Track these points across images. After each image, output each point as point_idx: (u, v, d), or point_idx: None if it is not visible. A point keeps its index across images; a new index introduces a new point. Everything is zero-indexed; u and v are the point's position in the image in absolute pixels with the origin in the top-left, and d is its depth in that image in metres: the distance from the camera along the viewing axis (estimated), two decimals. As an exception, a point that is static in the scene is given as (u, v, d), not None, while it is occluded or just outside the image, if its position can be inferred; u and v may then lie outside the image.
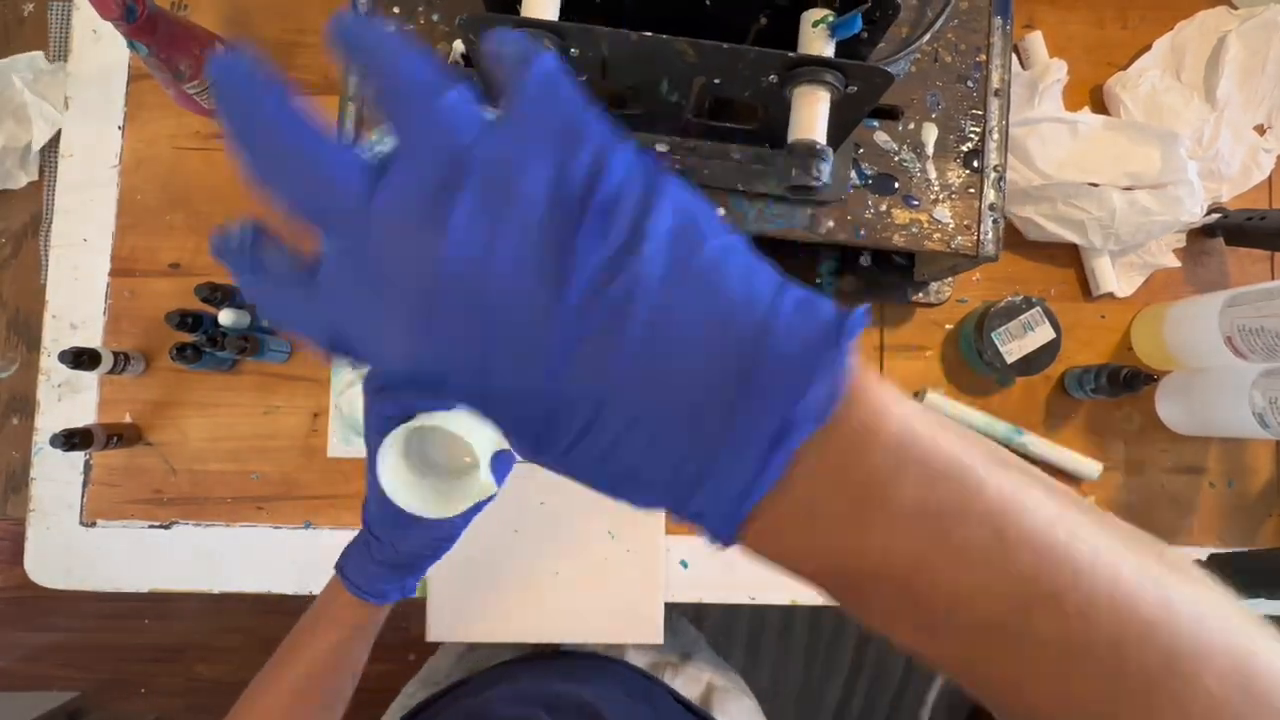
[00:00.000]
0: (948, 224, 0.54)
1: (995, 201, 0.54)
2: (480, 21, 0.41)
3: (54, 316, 0.69)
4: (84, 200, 0.70)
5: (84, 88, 0.71)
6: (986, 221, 0.54)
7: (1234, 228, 0.69)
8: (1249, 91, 0.71)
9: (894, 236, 0.53)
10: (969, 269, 0.59)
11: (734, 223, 0.53)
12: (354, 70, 0.23)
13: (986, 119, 0.54)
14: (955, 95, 0.54)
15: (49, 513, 0.68)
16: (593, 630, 0.66)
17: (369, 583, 0.46)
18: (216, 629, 1.54)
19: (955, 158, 0.54)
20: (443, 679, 0.68)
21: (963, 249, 0.53)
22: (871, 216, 0.53)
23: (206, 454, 0.69)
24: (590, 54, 0.42)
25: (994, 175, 0.54)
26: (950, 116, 0.54)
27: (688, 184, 0.19)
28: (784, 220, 0.53)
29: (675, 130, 0.52)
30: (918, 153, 0.54)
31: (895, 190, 0.54)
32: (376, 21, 0.20)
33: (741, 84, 0.44)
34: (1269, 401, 0.60)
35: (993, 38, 0.55)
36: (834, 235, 0.53)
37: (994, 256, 0.54)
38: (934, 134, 0.54)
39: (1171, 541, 0.71)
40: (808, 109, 0.42)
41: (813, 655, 1.56)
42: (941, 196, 0.54)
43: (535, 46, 0.19)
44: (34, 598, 1.53)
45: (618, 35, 0.41)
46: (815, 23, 0.42)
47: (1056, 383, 0.71)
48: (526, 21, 0.40)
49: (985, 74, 0.54)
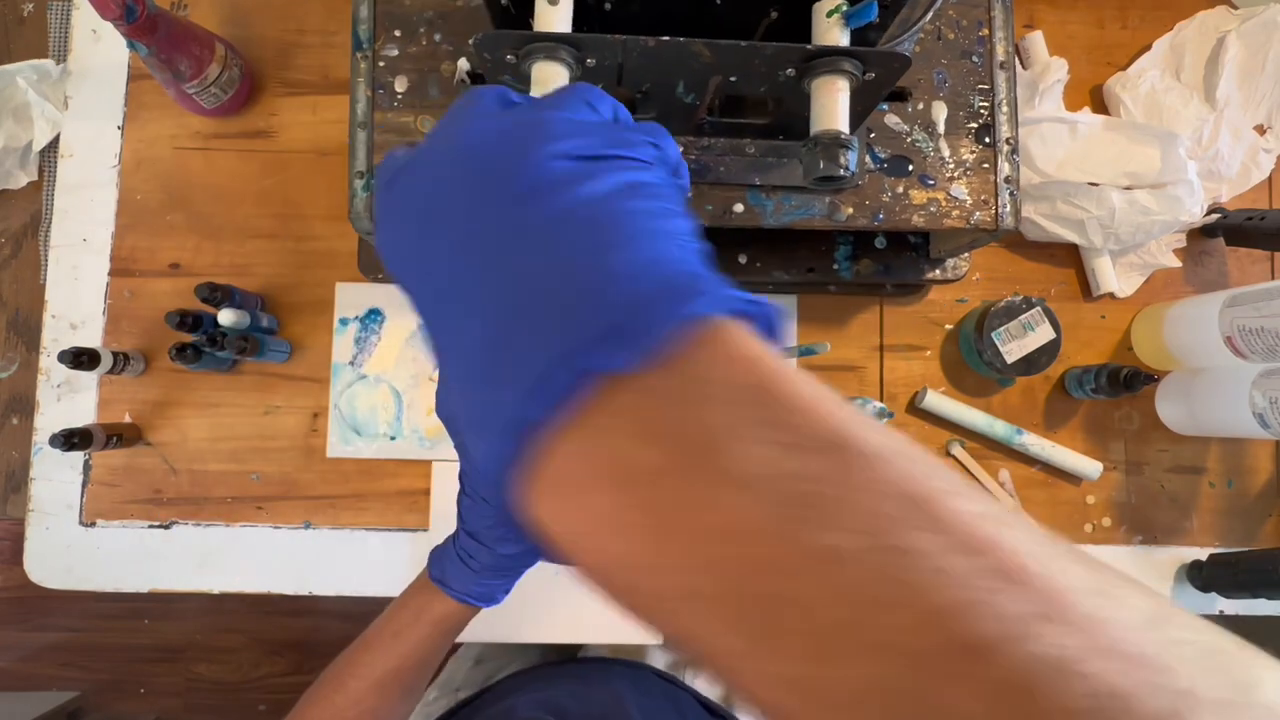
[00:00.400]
0: (965, 200, 0.54)
1: (1010, 174, 0.54)
2: (497, 40, 0.40)
3: (54, 316, 0.69)
4: (84, 200, 0.70)
5: (84, 88, 0.71)
6: (1004, 194, 0.54)
7: (1234, 228, 0.69)
8: (1249, 91, 0.71)
9: (913, 217, 0.53)
10: (988, 243, 0.59)
11: (753, 217, 0.53)
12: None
13: (994, 93, 0.54)
14: (961, 71, 0.54)
15: (49, 513, 0.68)
16: (600, 630, 0.66)
17: (475, 589, 0.45)
18: (216, 629, 1.54)
19: (967, 134, 0.54)
20: (461, 683, 0.68)
21: (982, 224, 0.53)
22: (889, 199, 0.54)
23: (206, 454, 0.69)
24: (607, 62, 0.42)
25: (1006, 148, 0.54)
26: (958, 93, 0.54)
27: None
28: (803, 210, 0.53)
29: (689, 130, 0.52)
30: (929, 132, 0.54)
31: (910, 171, 0.54)
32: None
33: (758, 80, 0.44)
34: (1269, 401, 0.60)
35: (993, 10, 0.55)
36: (853, 221, 0.53)
37: (1014, 228, 0.54)
38: (944, 112, 0.54)
39: (1171, 541, 0.71)
40: (829, 100, 0.42)
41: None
42: (956, 174, 0.54)
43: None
44: (34, 598, 1.53)
45: (634, 42, 0.41)
46: (829, 12, 0.42)
47: (1056, 383, 0.71)
48: (544, 36, 0.40)
49: (989, 47, 0.54)
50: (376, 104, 0.52)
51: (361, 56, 0.52)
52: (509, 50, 0.41)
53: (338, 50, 0.72)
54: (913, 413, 0.71)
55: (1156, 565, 0.71)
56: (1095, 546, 0.70)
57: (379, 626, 0.48)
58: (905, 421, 0.71)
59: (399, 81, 0.52)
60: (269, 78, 0.71)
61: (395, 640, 0.47)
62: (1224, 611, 0.70)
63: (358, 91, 0.52)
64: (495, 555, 0.43)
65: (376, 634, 0.47)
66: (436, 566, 0.46)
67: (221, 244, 0.70)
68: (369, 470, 0.69)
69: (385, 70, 0.52)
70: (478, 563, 0.43)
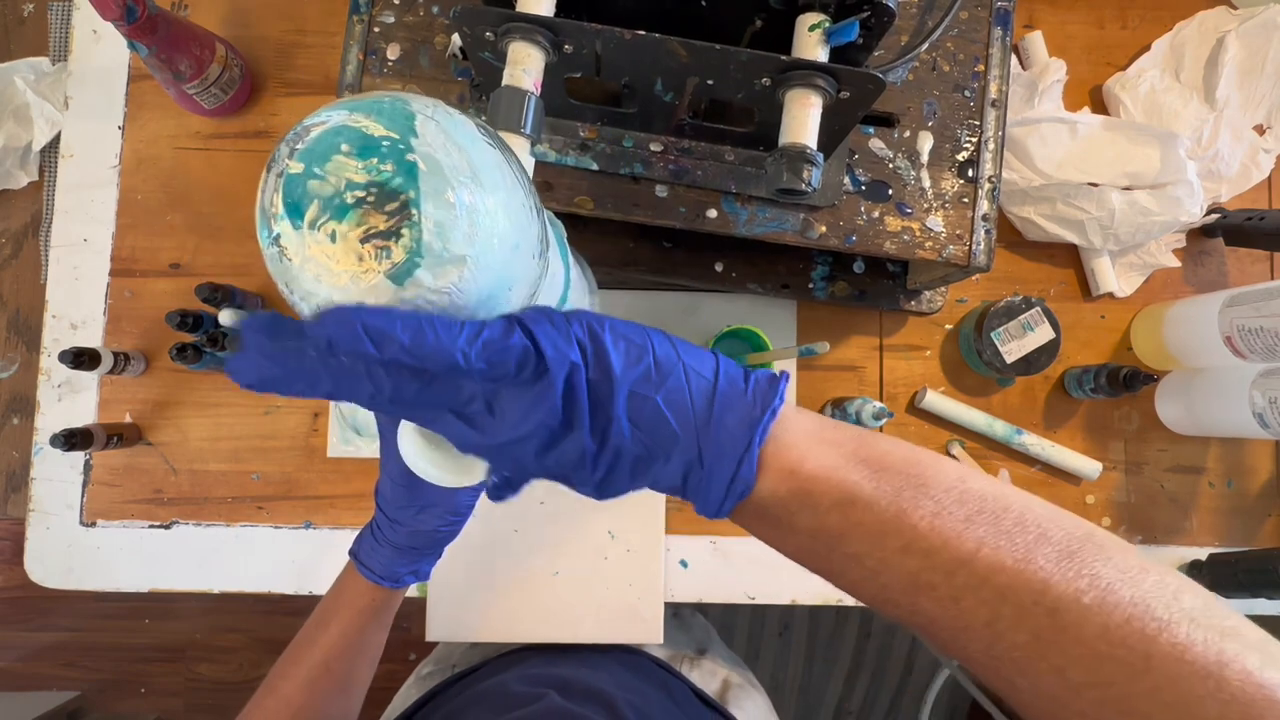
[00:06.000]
0: (940, 233, 0.53)
1: (988, 212, 0.54)
2: (476, 15, 0.41)
3: (54, 316, 0.69)
4: (84, 200, 0.70)
5: (84, 88, 0.71)
6: (979, 231, 0.53)
7: (1233, 228, 0.69)
8: (1248, 92, 0.71)
9: (886, 244, 0.53)
10: (960, 279, 0.59)
11: (726, 224, 0.53)
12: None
13: (983, 129, 0.54)
14: (952, 104, 0.54)
15: (49, 513, 0.68)
16: (592, 631, 0.66)
17: (384, 567, 0.47)
18: (216, 629, 1.54)
19: (950, 167, 0.54)
20: (459, 660, 0.69)
21: (954, 259, 0.53)
22: (864, 223, 0.53)
23: (206, 454, 0.69)
24: (584, 50, 0.43)
25: (988, 186, 0.54)
26: (946, 125, 0.54)
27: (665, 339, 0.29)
28: (776, 224, 0.53)
29: (669, 130, 0.52)
30: (912, 161, 0.54)
31: (889, 197, 0.54)
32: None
33: (734, 85, 0.44)
34: (1269, 401, 0.60)
35: (992, 48, 0.54)
36: (825, 241, 0.53)
37: (985, 267, 0.54)
38: (929, 142, 0.54)
39: (1171, 541, 0.71)
40: (800, 113, 0.42)
41: (812, 653, 1.56)
42: (935, 205, 0.54)
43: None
44: (34, 598, 1.53)
45: (610, 33, 0.41)
46: (811, 27, 0.42)
47: (1056, 383, 0.71)
48: (521, 16, 0.41)
49: (983, 84, 0.54)
50: (366, 68, 0.53)
51: (358, 20, 0.53)
52: (488, 27, 0.41)
53: (338, 51, 0.72)
54: (912, 412, 0.71)
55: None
56: (1095, 546, 0.70)
57: (313, 614, 0.49)
58: (905, 421, 0.71)
59: (391, 49, 0.53)
60: (269, 78, 0.72)
61: (322, 628, 0.48)
62: (1223, 611, 0.70)
63: (349, 54, 0.52)
64: (401, 532, 0.46)
65: (309, 622, 0.49)
66: (355, 542, 0.49)
67: (222, 244, 0.70)
68: (369, 470, 0.69)
69: (379, 36, 0.53)
70: (385, 537, 0.46)
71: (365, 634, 0.48)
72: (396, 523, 0.45)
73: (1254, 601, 0.69)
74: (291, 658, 0.48)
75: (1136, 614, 0.23)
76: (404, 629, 0.70)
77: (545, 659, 0.62)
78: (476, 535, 0.64)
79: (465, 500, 0.46)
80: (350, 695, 0.49)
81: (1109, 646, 0.22)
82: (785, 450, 0.28)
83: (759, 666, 1.55)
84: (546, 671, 0.57)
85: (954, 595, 0.25)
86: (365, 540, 0.48)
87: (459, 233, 0.25)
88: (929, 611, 0.26)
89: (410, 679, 0.70)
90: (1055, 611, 0.23)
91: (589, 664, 0.60)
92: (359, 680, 0.50)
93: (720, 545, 0.69)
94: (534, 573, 0.67)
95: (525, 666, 0.59)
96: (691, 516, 0.69)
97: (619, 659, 0.64)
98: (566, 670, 0.57)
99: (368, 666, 0.50)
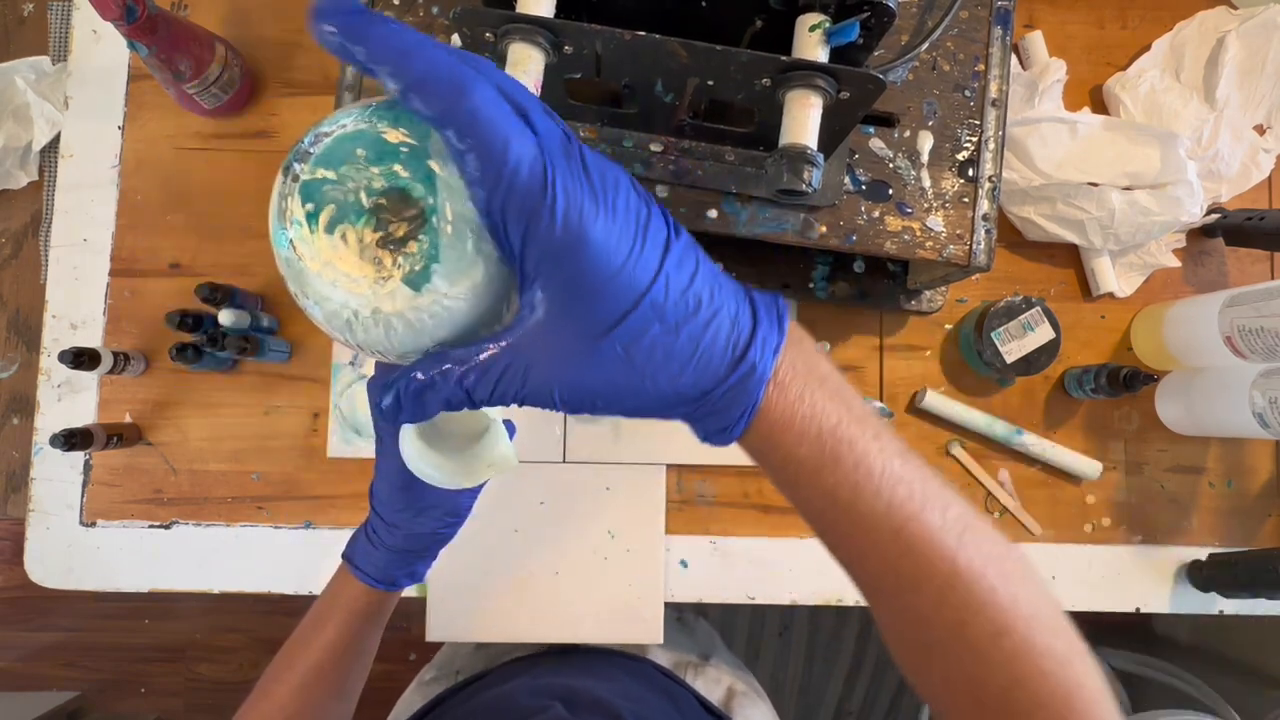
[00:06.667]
0: (940, 233, 0.53)
1: (988, 212, 0.54)
2: (476, 16, 0.41)
3: (54, 316, 0.69)
4: (84, 200, 0.70)
5: (84, 88, 0.71)
6: (980, 231, 0.53)
7: (1233, 228, 0.69)
8: (1248, 92, 0.71)
9: (886, 243, 0.53)
10: (961, 279, 0.59)
11: (726, 224, 0.53)
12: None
13: (983, 129, 0.54)
14: (952, 104, 0.54)
15: (49, 513, 0.68)
16: (592, 630, 0.67)
17: (379, 570, 0.46)
18: (216, 629, 1.54)
19: (950, 167, 0.54)
20: (463, 666, 0.69)
21: (954, 258, 0.53)
22: (864, 223, 0.53)
23: (206, 454, 0.69)
24: (584, 51, 0.43)
25: (989, 185, 0.54)
26: (946, 125, 0.54)
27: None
28: (776, 224, 0.53)
29: (670, 130, 0.52)
30: (913, 160, 0.54)
31: (889, 197, 0.54)
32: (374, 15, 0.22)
33: (735, 86, 0.44)
34: (1269, 401, 0.60)
35: (992, 48, 0.54)
36: (826, 240, 0.53)
37: (985, 267, 0.54)
38: (929, 142, 0.54)
39: (1171, 541, 0.71)
40: (800, 113, 0.42)
41: (812, 653, 1.56)
42: (935, 205, 0.54)
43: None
44: (34, 598, 1.53)
45: (610, 34, 0.41)
46: (811, 27, 0.42)
47: (1056, 383, 0.71)
48: (521, 17, 0.41)
49: (983, 84, 0.54)
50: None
51: None
52: (487, 28, 0.41)
53: (338, 50, 0.72)
54: (913, 412, 0.71)
55: (1156, 565, 0.71)
56: (1095, 546, 0.70)
57: (306, 617, 0.49)
58: (905, 421, 0.71)
59: None
60: (269, 78, 0.72)
61: (315, 631, 0.47)
62: (1224, 611, 0.70)
63: None
64: (397, 535, 0.45)
65: (303, 625, 0.48)
66: (349, 545, 0.48)
67: (221, 244, 0.70)
68: (369, 471, 0.69)
69: None
70: (380, 540, 0.45)
71: (359, 637, 0.48)
72: (394, 526, 0.44)
73: (1254, 601, 0.69)
74: (285, 662, 0.47)
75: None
76: (403, 629, 0.70)
77: (550, 667, 0.62)
78: (476, 535, 0.64)
79: (465, 501, 0.45)
80: (344, 699, 0.49)
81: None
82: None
83: (759, 667, 1.55)
84: (552, 681, 0.56)
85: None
86: (359, 543, 0.47)
87: (475, 237, 0.25)
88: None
89: (412, 685, 0.70)
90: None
91: (594, 673, 0.60)
92: (353, 684, 0.49)
93: (720, 545, 0.69)
94: (534, 573, 0.67)
95: (530, 676, 0.59)
96: (692, 516, 0.69)
97: (624, 667, 0.64)
98: (572, 680, 0.56)
99: (362, 670, 0.49)
